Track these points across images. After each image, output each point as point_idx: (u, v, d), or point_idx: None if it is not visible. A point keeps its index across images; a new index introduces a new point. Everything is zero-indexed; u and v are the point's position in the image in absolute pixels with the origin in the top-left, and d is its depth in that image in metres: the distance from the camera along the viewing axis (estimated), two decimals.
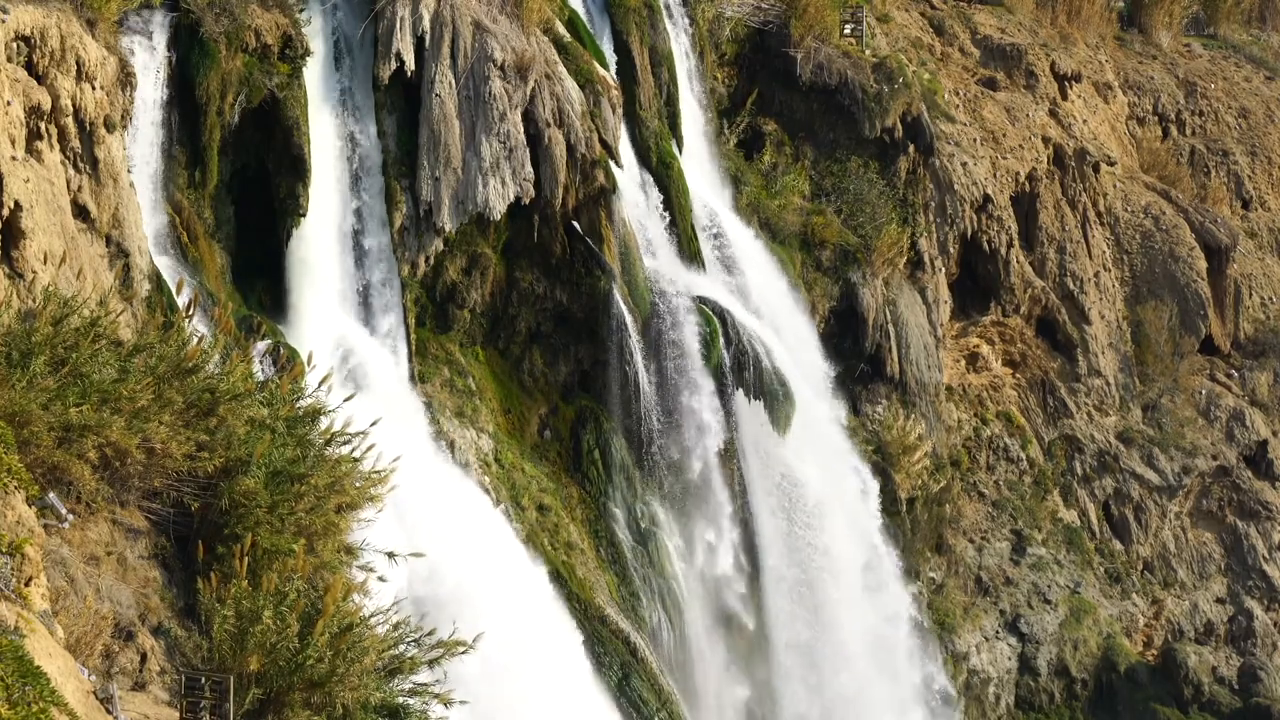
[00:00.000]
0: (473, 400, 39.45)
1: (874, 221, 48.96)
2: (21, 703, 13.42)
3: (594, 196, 40.39)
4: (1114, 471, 55.84)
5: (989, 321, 54.66)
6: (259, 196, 36.43)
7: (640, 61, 44.38)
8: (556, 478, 40.63)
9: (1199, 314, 58.77)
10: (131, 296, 30.01)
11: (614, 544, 40.65)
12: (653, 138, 44.30)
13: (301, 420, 21.95)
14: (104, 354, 20.03)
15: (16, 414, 18.36)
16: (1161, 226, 59.67)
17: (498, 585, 34.19)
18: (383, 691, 19.07)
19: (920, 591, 49.05)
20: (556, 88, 39.63)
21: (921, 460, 49.37)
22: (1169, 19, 68.46)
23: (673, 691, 39.28)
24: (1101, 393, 56.41)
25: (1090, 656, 52.44)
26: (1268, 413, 59.49)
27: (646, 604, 40.50)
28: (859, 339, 48.30)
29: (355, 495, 21.32)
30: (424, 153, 38.11)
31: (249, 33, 35.14)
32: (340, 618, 18.58)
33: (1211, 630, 55.62)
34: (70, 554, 18.81)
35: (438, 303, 39.51)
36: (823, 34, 49.92)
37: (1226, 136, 66.42)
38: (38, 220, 26.66)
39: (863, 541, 45.89)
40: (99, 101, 29.79)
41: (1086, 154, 57.69)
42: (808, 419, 44.17)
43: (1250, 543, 57.06)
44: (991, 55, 59.43)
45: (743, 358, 42.49)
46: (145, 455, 19.76)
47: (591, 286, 40.55)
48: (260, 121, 35.92)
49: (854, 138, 50.11)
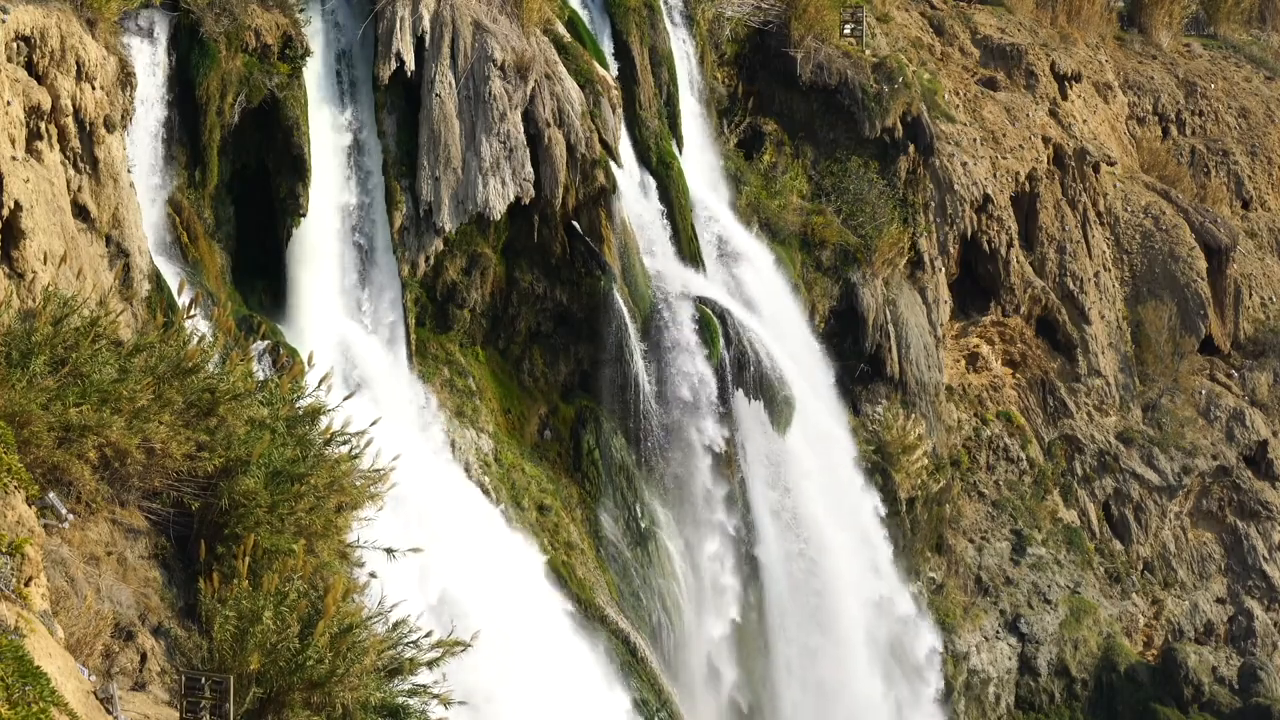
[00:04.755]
0: (473, 400, 39.45)
1: (874, 221, 48.96)
2: (21, 703, 13.41)
3: (594, 196, 40.39)
4: (1114, 471, 55.84)
5: (989, 321, 54.66)
6: (259, 196, 36.42)
7: (640, 61, 44.38)
8: (556, 478, 40.63)
9: (1199, 314, 58.77)
10: (131, 296, 30.02)
11: (614, 544, 40.66)
12: (653, 138, 44.30)
13: (301, 420, 21.94)
14: (104, 354, 20.01)
15: (16, 414, 18.35)
16: (1161, 226, 59.67)
17: (502, 588, 34.21)
18: (383, 692, 19.06)
19: (920, 591, 49.05)
20: (556, 88, 39.64)
21: (921, 460, 49.37)
22: (1169, 19, 68.46)
23: (673, 691, 39.29)
24: (1101, 393, 56.41)
25: (1090, 656, 52.44)
26: (1268, 413, 59.48)
27: (646, 604, 40.50)
28: (859, 339, 48.31)
29: (355, 494, 21.32)
30: (424, 153, 38.11)
31: (249, 33, 35.14)
32: (340, 618, 18.57)
33: (1211, 630, 55.62)
34: (70, 554, 18.80)
35: (438, 303, 39.51)
36: (823, 34, 49.92)
37: (1226, 136, 66.42)
38: (38, 220, 26.66)
39: (863, 541, 45.89)
40: (99, 101, 29.79)
41: (1086, 154, 57.69)
42: (807, 419, 44.17)
43: (1250, 543, 57.06)
44: (991, 55, 59.43)
45: (743, 358, 42.50)
46: (145, 455, 19.75)
47: (591, 286, 40.54)
48: (260, 121, 35.92)
49: (854, 138, 50.11)
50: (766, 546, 43.24)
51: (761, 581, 43.33)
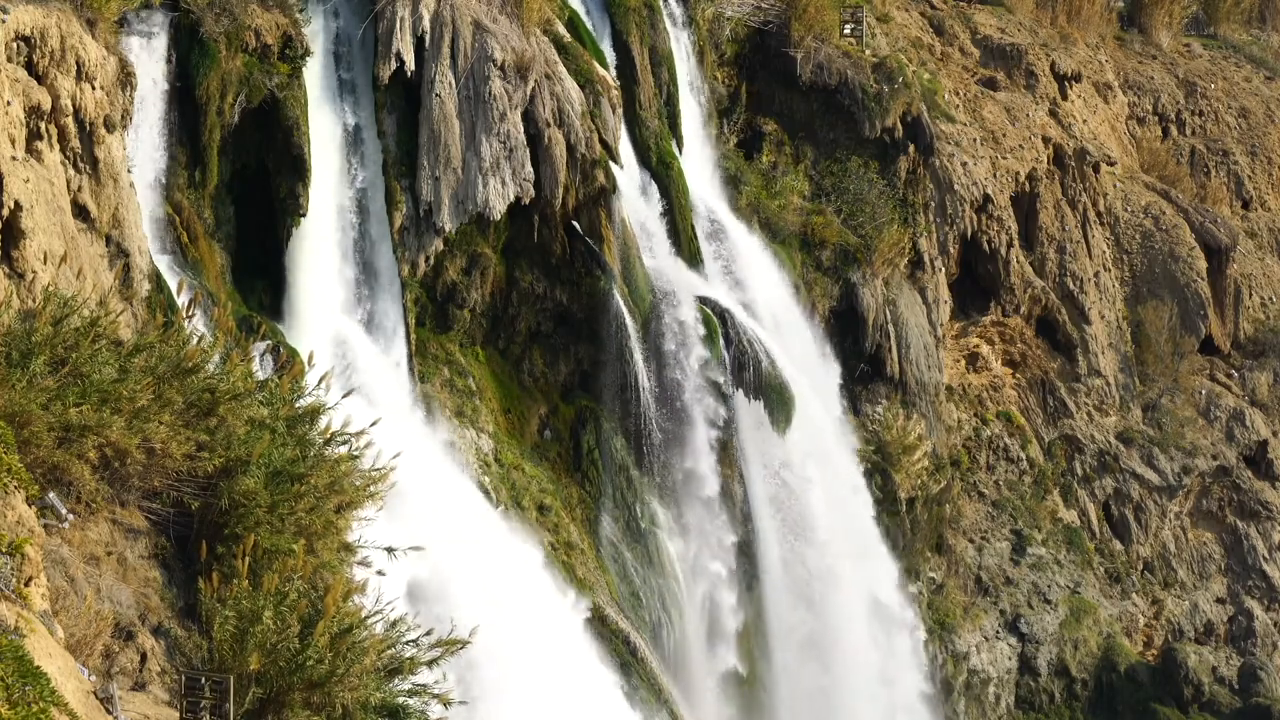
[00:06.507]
0: (473, 400, 39.46)
1: (874, 221, 48.96)
2: (21, 703, 13.41)
3: (594, 196, 40.39)
4: (1114, 471, 55.83)
5: (989, 321, 54.66)
6: (259, 196, 36.43)
7: (640, 61, 44.39)
8: (556, 478, 40.64)
9: (1199, 314, 58.77)
10: (131, 296, 30.03)
11: (614, 544, 40.67)
12: (653, 138, 44.31)
13: (301, 420, 21.94)
14: (104, 354, 20.01)
15: (16, 414, 18.35)
16: (1161, 226, 59.67)
17: (495, 579, 34.22)
18: (382, 692, 19.06)
19: (920, 591, 49.05)
20: (556, 88, 39.64)
21: (921, 460, 49.37)
22: (1169, 19, 68.45)
23: (672, 691, 39.30)
24: (1101, 393, 56.41)
25: (1090, 656, 52.44)
26: (1268, 413, 59.48)
27: (646, 604, 40.51)
28: (859, 339, 48.31)
29: (355, 494, 21.31)
30: (424, 153, 38.12)
31: (249, 33, 35.15)
32: (340, 618, 18.58)
33: (1211, 630, 55.62)
34: (70, 554, 18.80)
35: (438, 303, 39.52)
36: (823, 34, 49.92)
37: (1226, 136, 66.42)
38: (38, 220, 26.67)
39: (862, 541, 45.90)
40: (99, 101, 29.80)
41: (1086, 154, 57.69)
42: (807, 419, 44.18)
43: (1250, 543, 57.06)
44: (991, 55, 59.42)
45: (743, 358, 42.50)
46: (145, 455, 19.75)
47: (591, 286, 40.55)
48: (260, 121, 35.92)
49: (854, 138, 50.10)
50: (766, 546, 43.24)
51: (761, 581, 43.34)
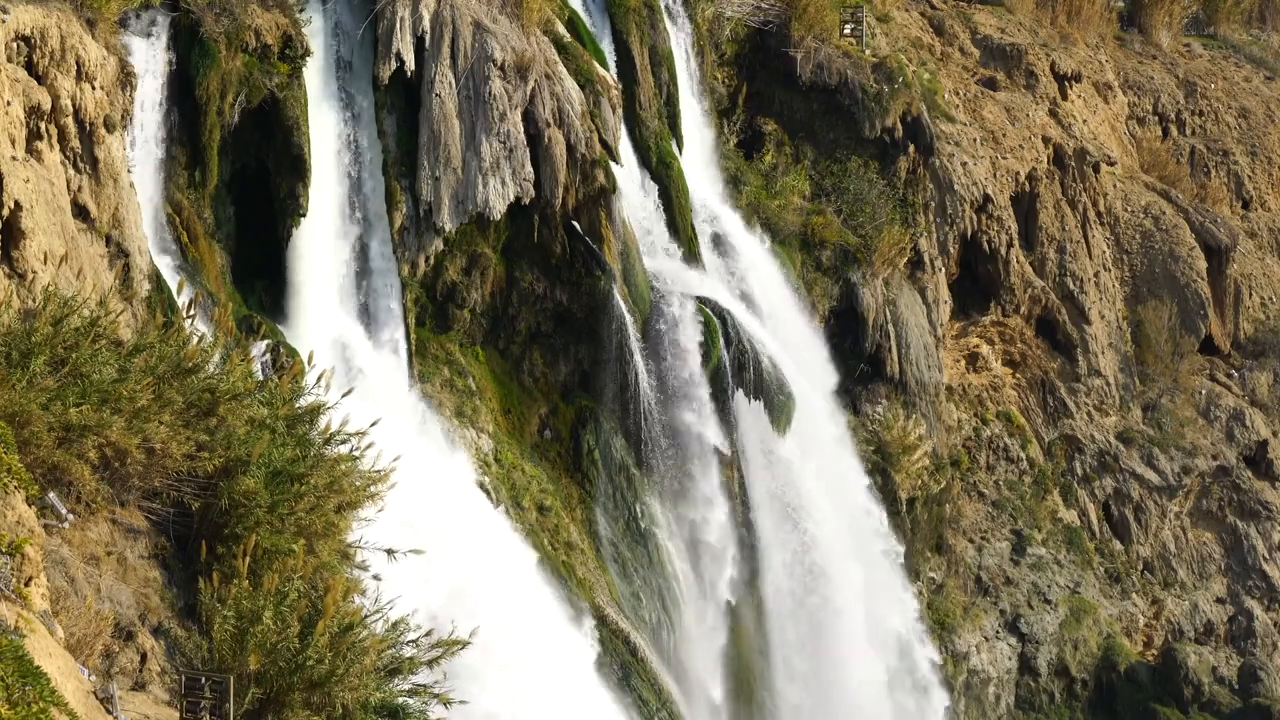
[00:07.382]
0: (473, 400, 39.45)
1: (874, 221, 48.97)
2: (21, 703, 13.40)
3: (594, 196, 40.39)
4: (1114, 471, 55.84)
5: (989, 321, 54.66)
6: (259, 196, 36.43)
7: (640, 61, 44.39)
8: (556, 478, 40.63)
9: (1199, 314, 58.78)
10: (131, 296, 30.03)
11: (614, 544, 40.66)
12: (653, 138, 44.30)
13: (301, 420, 21.92)
14: (104, 354, 19.99)
15: (16, 414, 18.34)
16: (1161, 226, 59.68)
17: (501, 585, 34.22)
18: (382, 691, 19.06)
19: (920, 591, 49.05)
20: (556, 88, 39.64)
21: (921, 460, 49.38)
22: (1169, 19, 68.48)
23: (673, 691, 39.29)
24: (1101, 393, 56.41)
25: (1090, 656, 52.44)
26: (1268, 413, 59.49)
27: (646, 604, 40.51)
28: (859, 339, 48.31)
29: (355, 494, 21.30)
30: (424, 153, 38.12)
31: (249, 33, 35.14)
32: (340, 618, 18.57)
33: (1211, 630, 55.62)
34: (70, 554, 18.80)
35: (438, 303, 39.51)
36: (823, 34, 49.93)
37: (1226, 136, 66.43)
38: (38, 220, 26.67)
39: (862, 541, 45.89)
40: (99, 101, 29.80)
41: (1086, 154, 57.69)
42: (807, 419, 44.17)
43: (1250, 543, 57.06)
44: (991, 55, 59.44)
45: (743, 358, 42.50)
46: (145, 455, 19.73)
47: (591, 286, 40.55)
48: (260, 121, 35.92)
49: (854, 138, 50.12)
50: (766, 546, 43.24)
51: (761, 581, 43.33)
